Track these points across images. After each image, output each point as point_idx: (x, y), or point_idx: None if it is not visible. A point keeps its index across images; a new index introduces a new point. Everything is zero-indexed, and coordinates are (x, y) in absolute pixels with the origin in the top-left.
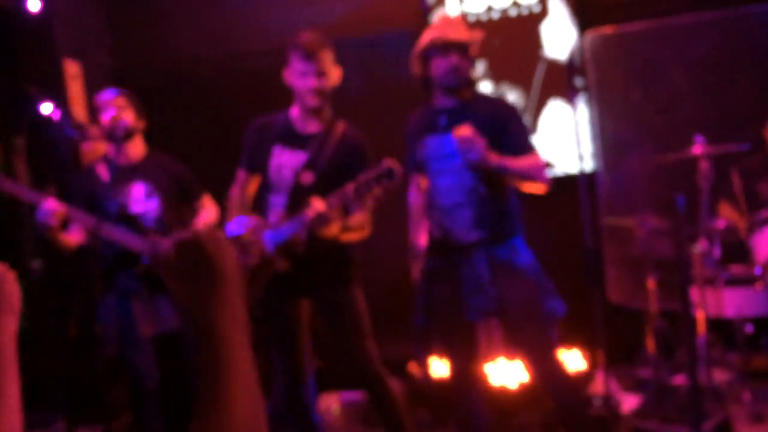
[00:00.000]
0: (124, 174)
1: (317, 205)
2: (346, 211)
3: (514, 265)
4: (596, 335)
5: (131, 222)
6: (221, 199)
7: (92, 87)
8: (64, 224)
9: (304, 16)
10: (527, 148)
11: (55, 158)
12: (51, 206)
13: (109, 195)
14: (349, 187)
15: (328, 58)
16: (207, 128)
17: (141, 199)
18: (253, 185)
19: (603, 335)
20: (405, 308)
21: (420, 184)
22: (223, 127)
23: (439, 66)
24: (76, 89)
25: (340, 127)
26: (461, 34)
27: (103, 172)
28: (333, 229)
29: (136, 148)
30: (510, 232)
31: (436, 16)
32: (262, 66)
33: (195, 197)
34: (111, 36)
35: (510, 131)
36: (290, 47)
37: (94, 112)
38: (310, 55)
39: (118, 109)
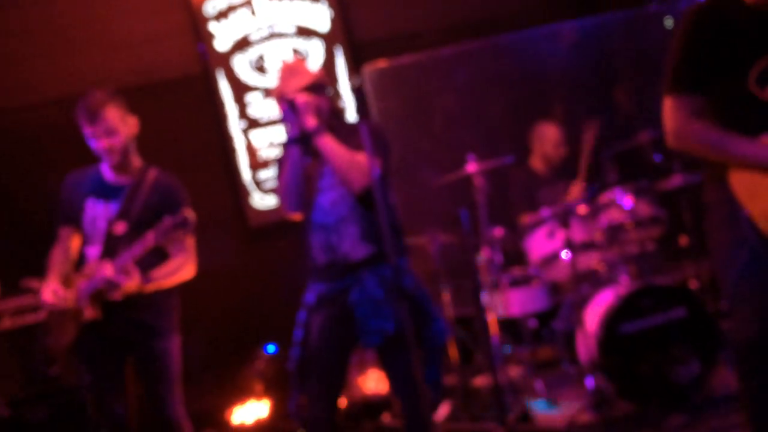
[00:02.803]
0: None
1: (105, 271)
2: (161, 255)
3: (401, 287)
4: None
5: None
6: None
7: None
8: None
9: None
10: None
11: None
12: None
13: None
14: (149, 236)
15: (113, 114)
16: None
17: None
18: (76, 241)
19: None
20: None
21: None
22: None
23: None
24: None
25: (152, 174)
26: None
27: None
28: (131, 286)
29: None
30: (395, 251)
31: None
32: (39, 120)
33: None
34: None
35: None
36: (76, 112)
37: None
38: (92, 118)
39: None
